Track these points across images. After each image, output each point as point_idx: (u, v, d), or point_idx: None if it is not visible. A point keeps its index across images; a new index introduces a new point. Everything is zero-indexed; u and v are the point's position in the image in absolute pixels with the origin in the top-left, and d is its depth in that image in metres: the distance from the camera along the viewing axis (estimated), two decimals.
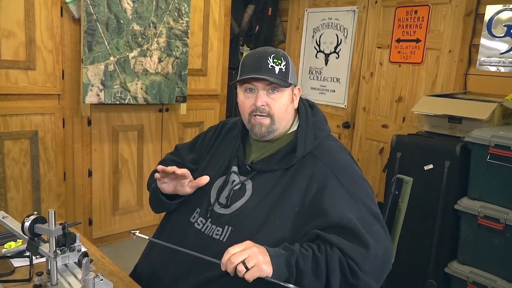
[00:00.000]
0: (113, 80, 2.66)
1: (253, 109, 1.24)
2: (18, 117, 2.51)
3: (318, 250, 1.08)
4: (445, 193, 2.31)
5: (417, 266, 2.43)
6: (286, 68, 1.24)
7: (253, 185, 1.25)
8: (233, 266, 1.01)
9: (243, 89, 1.27)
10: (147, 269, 1.33)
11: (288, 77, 1.24)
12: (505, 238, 2.08)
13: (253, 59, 1.25)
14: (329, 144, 1.29)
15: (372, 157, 3.32)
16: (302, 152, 1.24)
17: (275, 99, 1.24)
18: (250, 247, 1.04)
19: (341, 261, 1.07)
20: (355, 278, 1.06)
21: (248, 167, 1.29)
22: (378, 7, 3.22)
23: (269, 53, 1.23)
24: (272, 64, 1.22)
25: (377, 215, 1.18)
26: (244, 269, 1.00)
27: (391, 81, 3.18)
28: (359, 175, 1.25)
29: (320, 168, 1.21)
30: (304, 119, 1.30)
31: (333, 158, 1.24)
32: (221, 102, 3.46)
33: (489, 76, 2.70)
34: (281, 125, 1.27)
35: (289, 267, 1.05)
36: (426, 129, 2.59)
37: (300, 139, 1.25)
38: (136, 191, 3.12)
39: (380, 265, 1.12)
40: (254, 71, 1.22)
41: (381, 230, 1.16)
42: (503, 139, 2.07)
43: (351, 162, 1.29)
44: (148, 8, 2.71)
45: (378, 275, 1.12)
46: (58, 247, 1.06)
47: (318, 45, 3.67)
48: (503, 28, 2.61)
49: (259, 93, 1.23)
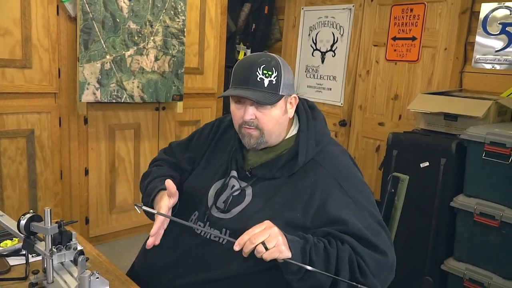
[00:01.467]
0: (109, 79, 2.65)
1: (242, 122, 1.21)
2: (15, 115, 2.51)
3: (329, 244, 1.07)
4: (441, 190, 2.32)
5: (414, 264, 2.43)
6: (277, 80, 1.17)
7: (253, 191, 1.23)
8: (253, 247, 0.98)
9: (234, 100, 1.23)
10: (144, 267, 1.32)
11: (279, 88, 1.17)
12: (500, 235, 2.09)
13: (243, 68, 1.19)
14: (331, 150, 1.27)
15: (369, 155, 3.33)
16: (304, 160, 1.21)
17: (265, 112, 1.18)
18: (271, 226, 1.01)
19: (351, 258, 1.06)
20: (363, 276, 1.05)
21: (248, 173, 1.26)
22: (374, 5, 3.23)
23: (259, 64, 1.16)
24: (261, 76, 1.15)
25: (381, 222, 1.17)
26: (264, 250, 0.97)
27: (387, 79, 3.19)
28: (361, 181, 1.24)
29: (324, 175, 1.19)
30: (305, 123, 1.26)
31: (336, 165, 1.22)
32: (218, 100, 3.46)
33: (485, 73, 2.71)
34: (271, 137, 1.23)
35: (304, 255, 1.03)
36: (422, 126, 2.59)
37: (302, 146, 1.22)
38: (133, 189, 3.12)
39: (386, 273, 1.12)
40: (242, 83, 1.17)
41: (387, 238, 1.15)
42: (498, 136, 2.08)
43: (353, 168, 1.27)
44: (144, 6, 2.71)
45: (384, 281, 1.12)
46: (54, 246, 1.06)
47: (315, 43, 3.68)
48: (498, 25, 2.62)
49: (246, 107, 1.18)
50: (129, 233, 3.17)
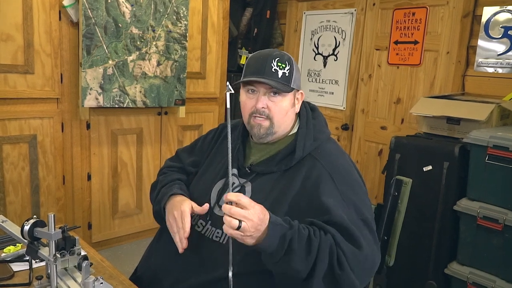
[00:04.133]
0: (111, 84, 2.66)
1: (253, 110, 1.25)
2: (17, 121, 2.51)
3: (313, 234, 1.08)
4: (444, 194, 2.32)
5: (417, 267, 2.43)
6: (290, 73, 1.24)
7: (252, 187, 1.26)
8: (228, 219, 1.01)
9: (246, 90, 1.28)
10: (147, 271, 1.34)
11: (291, 81, 1.24)
12: (504, 239, 2.08)
13: (257, 60, 1.25)
14: (329, 147, 1.30)
15: (371, 158, 3.32)
16: (301, 154, 1.24)
17: (276, 102, 1.24)
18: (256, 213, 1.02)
19: (331, 249, 1.07)
20: (341, 269, 1.06)
21: (248, 169, 1.29)
22: (376, 9, 3.23)
23: (274, 56, 1.23)
24: (276, 67, 1.22)
25: (367, 220, 1.17)
26: (236, 225, 0.99)
27: (390, 83, 3.19)
28: (355, 181, 1.25)
29: (318, 168, 1.22)
30: (305, 122, 1.31)
31: (332, 162, 1.25)
32: (219, 105, 3.46)
33: (487, 77, 2.71)
34: (280, 128, 1.28)
35: (282, 241, 1.04)
36: (424, 130, 2.59)
37: (300, 141, 1.26)
38: (135, 194, 3.12)
39: (366, 269, 1.12)
40: (257, 74, 1.22)
41: (369, 235, 1.15)
42: (501, 140, 2.08)
43: (351, 167, 1.28)
44: (147, 11, 2.72)
45: (363, 278, 1.12)
46: (58, 251, 1.06)
47: (317, 47, 3.68)
48: (500, 29, 2.62)
49: (260, 95, 1.24)
50: (131, 238, 3.17)
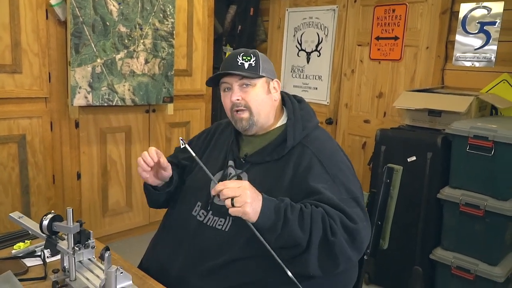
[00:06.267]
0: (100, 82, 2.67)
1: (232, 105, 1.35)
2: (5, 121, 2.50)
3: (305, 206, 1.15)
4: (428, 183, 2.42)
5: (404, 254, 2.52)
6: (256, 63, 1.34)
7: (248, 177, 1.33)
8: (223, 198, 1.08)
9: (222, 89, 1.39)
10: (153, 263, 1.38)
11: (259, 70, 1.34)
12: (485, 224, 2.20)
13: (226, 61, 1.38)
14: (317, 134, 1.38)
15: (356, 151, 3.42)
16: (292, 142, 1.32)
17: (249, 92, 1.34)
18: (246, 188, 1.09)
19: (323, 218, 1.13)
20: (334, 236, 1.12)
21: (243, 160, 1.37)
22: (357, 6, 3.32)
23: (239, 53, 1.35)
24: (242, 61, 1.33)
25: (357, 199, 1.24)
26: (230, 205, 1.08)
27: (372, 78, 3.29)
28: (342, 162, 1.33)
29: (307, 154, 1.30)
30: (292, 112, 1.39)
31: (321, 147, 1.33)
32: (206, 101, 3.49)
33: (465, 71, 2.84)
34: (260, 116, 1.35)
35: (278, 212, 1.11)
36: (407, 123, 2.69)
37: (290, 130, 1.34)
38: (125, 192, 3.13)
39: (357, 241, 1.17)
40: (226, 70, 1.34)
41: (360, 213, 1.22)
42: (481, 130, 2.19)
43: (338, 151, 1.37)
44: (134, 9, 2.73)
45: (354, 248, 1.16)
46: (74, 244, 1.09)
47: (300, 43, 3.75)
48: (477, 25, 2.74)
49: (233, 89, 1.34)
50: (122, 235, 3.18)
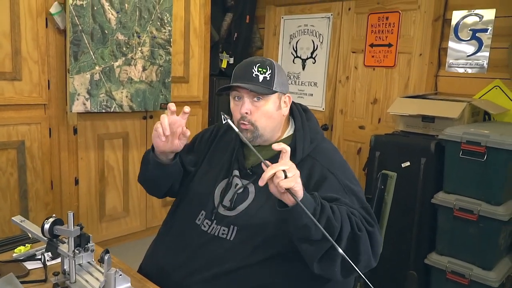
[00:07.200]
0: (98, 89, 2.70)
1: (240, 117, 1.31)
2: (5, 127, 2.52)
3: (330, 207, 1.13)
4: (422, 188, 2.45)
5: (398, 259, 2.55)
6: (271, 77, 1.30)
7: (255, 188, 1.32)
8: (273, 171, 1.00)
9: (232, 97, 1.35)
10: (153, 268, 1.38)
11: (273, 85, 1.30)
12: (479, 228, 2.22)
13: (241, 68, 1.33)
14: (325, 147, 1.39)
15: (351, 157, 3.45)
16: (301, 156, 1.32)
17: (259, 107, 1.30)
18: (295, 168, 1.04)
19: (349, 214, 1.13)
20: (360, 230, 1.12)
21: (249, 171, 1.36)
22: (352, 14, 3.38)
23: (255, 63, 1.31)
24: (257, 73, 1.29)
25: (368, 209, 1.27)
26: (282, 176, 0.99)
27: (366, 84, 3.33)
28: (351, 174, 1.35)
29: (318, 167, 1.30)
30: (300, 124, 1.38)
31: (329, 159, 1.33)
32: (203, 108, 3.53)
33: (458, 77, 2.88)
34: (265, 131, 1.33)
35: (314, 197, 1.08)
36: (401, 128, 2.73)
37: (299, 143, 1.33)
38: (122, 197, 3.16)
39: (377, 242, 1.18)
40: (239, 80, 1.30)
41: (372, 222, 1.24)
42: (474, 135, 2.22)
43: (345, 162, 1.39)
44: (132, 18, 2.77)
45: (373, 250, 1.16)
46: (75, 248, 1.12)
47: (295, 51, 3.80)
48: (469, 32, 2.80)
49: (244, 100, 1.30)
50: (119, 241, 3.20)
